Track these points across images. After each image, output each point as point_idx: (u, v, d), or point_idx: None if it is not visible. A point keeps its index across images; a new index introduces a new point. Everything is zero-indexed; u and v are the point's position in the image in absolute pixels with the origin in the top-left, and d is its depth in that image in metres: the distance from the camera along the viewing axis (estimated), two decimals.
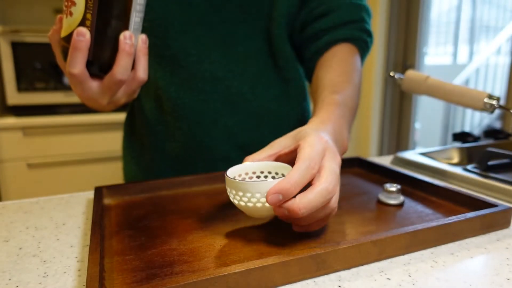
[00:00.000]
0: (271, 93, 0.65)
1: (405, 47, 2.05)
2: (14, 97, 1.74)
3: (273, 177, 0.41)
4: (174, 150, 0.65)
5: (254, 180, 0.39)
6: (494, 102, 0.62)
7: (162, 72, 0.61)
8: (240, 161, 0.67)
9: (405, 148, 2.14)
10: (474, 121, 3.29)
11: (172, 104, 0.62)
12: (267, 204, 0.36)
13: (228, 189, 0.38)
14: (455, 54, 3.62)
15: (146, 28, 0.58)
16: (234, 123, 0.64)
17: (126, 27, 0.42)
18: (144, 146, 0.68)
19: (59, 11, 1.97)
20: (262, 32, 0.62)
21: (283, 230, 0.41)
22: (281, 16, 0.60)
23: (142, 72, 0.46)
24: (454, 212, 0.46)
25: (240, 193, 0.37)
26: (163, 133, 0.65)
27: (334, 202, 0.37)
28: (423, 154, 0.71)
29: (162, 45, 0.60)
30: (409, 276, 0.34)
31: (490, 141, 0.80)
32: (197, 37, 0.59)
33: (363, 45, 0.60)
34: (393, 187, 0.48)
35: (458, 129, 3.00)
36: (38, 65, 1.78)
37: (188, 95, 0.62)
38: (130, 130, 0.71)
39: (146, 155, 0.68)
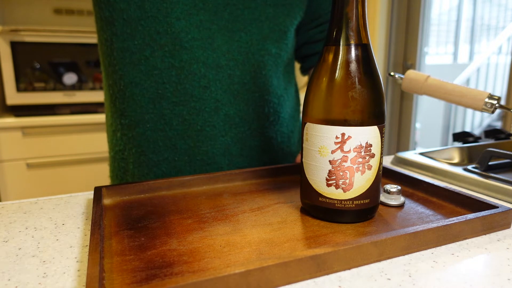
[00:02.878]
0: (273, 83, 0.65)
1: (406, 46, 2.05)
2: (13, 97, 1.74)
3: None
4: (171, 140, 0.62)
5: None
6: (494, 102, 0.62)
7: (161, 51, 0.59)
8: (239, 157, 0.67)
9: (405, 148, 2.13)
10: (475, 121, 3.29)
11: (173, 89, 0.60)
12: None
13: None
14: (455, 54, 3.62)
15: None
16: (235, 113, 0.63)
17: None
18: (132, 138, 0.63)
19: (58, 10, 1.97)
20: (267, 19, 0.62)
21: (283, 231, 0.41)
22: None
23: None
24: (454, 213, 0.46)
25: None
26: (158, 121, 0.61)
27: None
28: (423, 154, 0.71)
29: (163, 21, 0.58)
30: (410, 276, 0.34)
31: (490, 141, 0.80)
32: (201, 21, 0.59)
33: None
34: (393, 188, 0.48)
35: (458, 129, 2.99)
36: (38, 65, 1.78)
37: (190, 80, 0.60)
38: (111, 122, 0.66)
39: (133, 148, 0.63)
